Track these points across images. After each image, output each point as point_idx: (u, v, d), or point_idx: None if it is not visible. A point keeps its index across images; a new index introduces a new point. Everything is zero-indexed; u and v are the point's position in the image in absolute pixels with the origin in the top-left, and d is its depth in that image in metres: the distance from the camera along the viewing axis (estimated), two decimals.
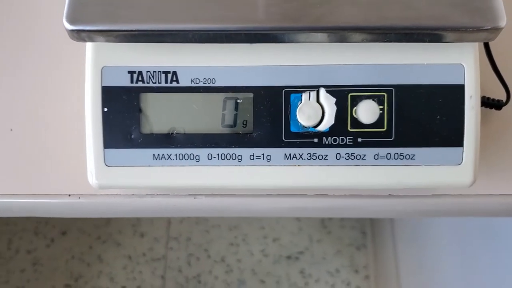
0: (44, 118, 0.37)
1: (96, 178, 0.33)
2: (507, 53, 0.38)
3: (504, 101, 0.37)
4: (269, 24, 0.30)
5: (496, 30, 0.29)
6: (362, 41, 0.31)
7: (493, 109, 0.37)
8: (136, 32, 0.30)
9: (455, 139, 0.32)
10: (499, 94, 0.37)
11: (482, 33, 0.30)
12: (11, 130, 0.37)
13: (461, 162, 0.32)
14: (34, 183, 0.36)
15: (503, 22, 0.29)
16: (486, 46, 0.37)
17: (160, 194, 0.36)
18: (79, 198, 0.36)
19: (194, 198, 0.35)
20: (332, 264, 1.24)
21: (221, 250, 1.24)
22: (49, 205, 0.36)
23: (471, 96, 0.32)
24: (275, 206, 0.36)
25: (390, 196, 0.35)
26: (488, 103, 0.37)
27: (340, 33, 0.30)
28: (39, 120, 0.37)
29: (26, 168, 0.36)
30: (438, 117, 0.32)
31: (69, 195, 0.36)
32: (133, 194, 0.35)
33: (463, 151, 0.32)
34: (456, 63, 0.32)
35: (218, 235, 1.25)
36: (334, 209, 0.36)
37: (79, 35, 0.30)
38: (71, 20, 0.29)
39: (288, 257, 1.25)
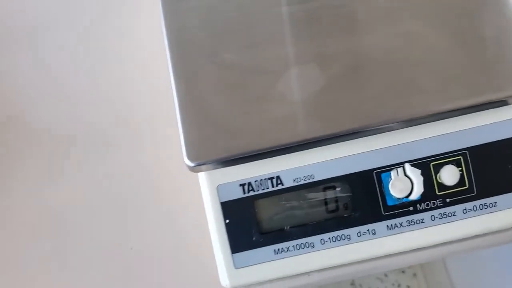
0: (164, 235, 0.42)
1: (229, 280, 0.37)
2: None
3: None
4: (353, 125, 0.35)
5: None
6: (433, 121, 0.36)
7: None
8: (245, 156, 0.35)
9: None
10: None
11: None
12: (131, 248, 0.42)
13: None
14: None
15: None
16: None
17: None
18: None
19: (308, 275, 0.40)
20: None
21: None
22: None
23: None
24: (377, 266, 0.41)
25: (476, 236, 0.40)
26: None
27: (416, 120, 0.35)
28: (160, 239, 0.42)
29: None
30: (510, 166, 0.37)
31: None
32: (252, 285, 0.40)
33: None
34: None
35: None
36: (433, 256, 0.41)
37: (199, 168, 0.35)
38: (192, 158, 0.35)
39: None
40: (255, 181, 0.37)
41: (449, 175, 0.37)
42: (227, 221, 0.37)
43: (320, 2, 0.39)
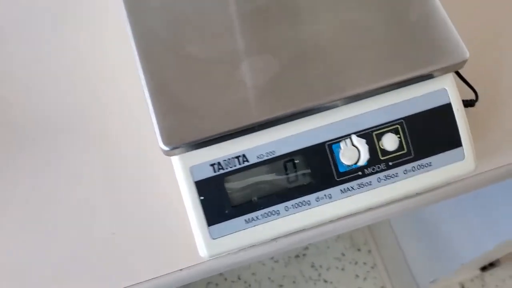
0: (143, 220, 0.46)
1: (207, 250, 0.42)
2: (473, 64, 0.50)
3: (475, 99, 0.49)
4: (304, 104, 0.41)
5: (463, 62, 0.41)
6: (372, 95, 0.42)
7: (469, 107, 0.49)
8: (213, 138, 0.40)
9: (456, 142, 0.43)
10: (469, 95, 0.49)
11: (455, 66, 0.42)
12: (113, 233, 0.46)
13: (464, 157, 0.44)
14: (152, 269, 0.45)
15: (466, 55, 0.41)
16: None
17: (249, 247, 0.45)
18: (189, 269, 0.45)
19: (276, 241, 0.45)
20: (336, 250, 1.35)
21: (235, 270, 1.32)
22: (168, 281, 0.45)
23: (457, 109, 0.43)
24: (336, 228, 0.46)
25: (417, 194, 0.47)
26: (465, 104, 0.49)
27: (358, 96, 0.41)
28: (139, 223, 0.46)
29: (147, 259, 0.46)
30: (439, 130, 0.43)
31: (181, 269, 0.45)
32: (228, 254, 0.45)
33: (463, 149, 0.44)
34: (440, 88, 0.43)
35: None
36: (381, 216, 0.47)
37: (173, 152, 0.40)
38: (166, 143, 0.39)
39: (297, 256, 1.34)
40: (224, 160, 0.42)
41: (389, 142, 0.43)
42: (202, 198, 0.41)
43: None
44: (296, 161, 0.42)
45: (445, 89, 0.43)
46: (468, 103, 0.49)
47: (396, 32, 0.43)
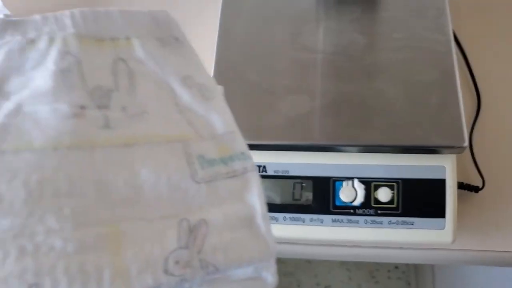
0: None
1: None
2: (486, 153, 0.57)
3: (480, 186, 0.55)
4: (323, 142, 0.50)
5: (462, 148, 0.49)
6: (382, 152, 0.51)
7: (473, 192, 0.55)
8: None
9: (440, 213, 0.50)
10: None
11: (454, 149, 0.49)
12: None
13: (444, 228, 0.50)
14: None
15: (465, 143, 0.48)
16: (471, 149, 0.56)
17: None
18: None
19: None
20: None
21: None
22: None
23: (450, 186, 0.50)
24: (320, 252, 0.55)
25: (401, 248, 0.54)
26: (469, 187, 0.55)
27: (367, 148, 0.50)
28: None
29: None
30: (429, 198, 0.51)
31: None
32: None
33: (445, 221, 0.50)
34: (440, 165, 0.51)
35: None
36: (363, 256, 0.55)
37: None
38: None
39: None
40: None
41: (383, 194, 0.51)
42: None
43: (324, 57, 0.55)
44: (303, 184, 0.52)
45: (444, 167, 0.51)
46: (472, 188, 0.55)
47: (419, 108, 0.51)
